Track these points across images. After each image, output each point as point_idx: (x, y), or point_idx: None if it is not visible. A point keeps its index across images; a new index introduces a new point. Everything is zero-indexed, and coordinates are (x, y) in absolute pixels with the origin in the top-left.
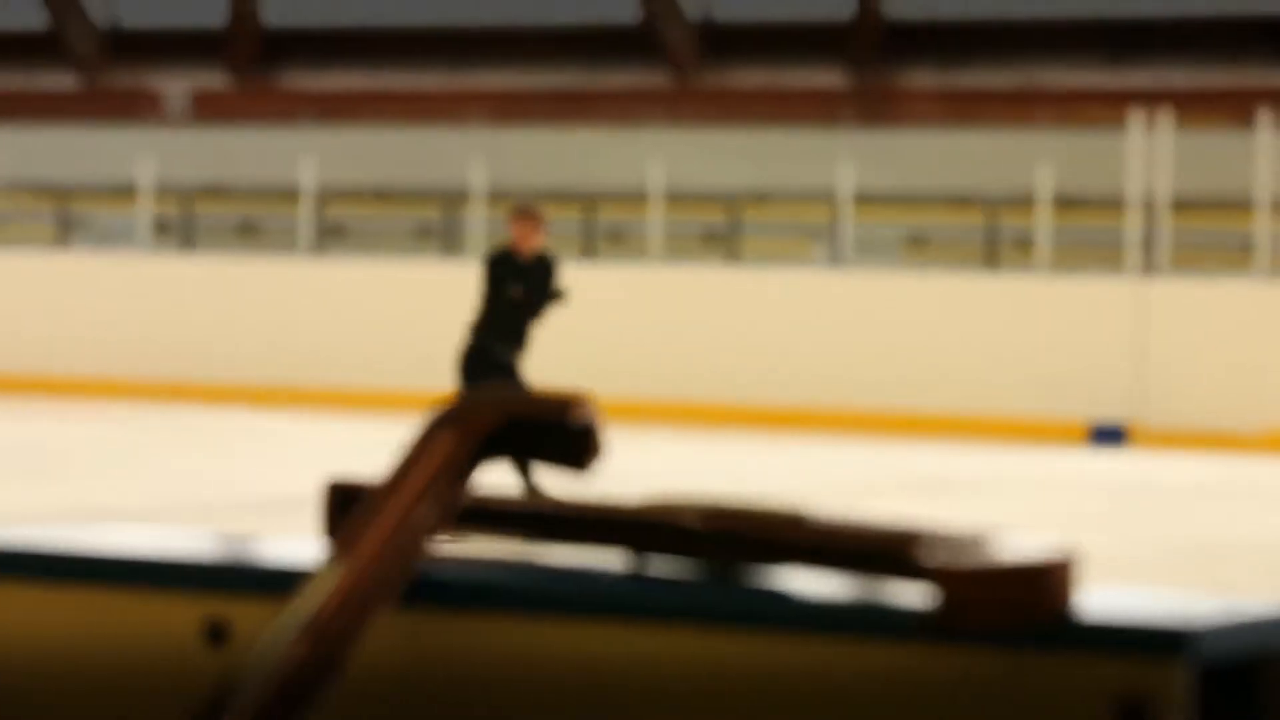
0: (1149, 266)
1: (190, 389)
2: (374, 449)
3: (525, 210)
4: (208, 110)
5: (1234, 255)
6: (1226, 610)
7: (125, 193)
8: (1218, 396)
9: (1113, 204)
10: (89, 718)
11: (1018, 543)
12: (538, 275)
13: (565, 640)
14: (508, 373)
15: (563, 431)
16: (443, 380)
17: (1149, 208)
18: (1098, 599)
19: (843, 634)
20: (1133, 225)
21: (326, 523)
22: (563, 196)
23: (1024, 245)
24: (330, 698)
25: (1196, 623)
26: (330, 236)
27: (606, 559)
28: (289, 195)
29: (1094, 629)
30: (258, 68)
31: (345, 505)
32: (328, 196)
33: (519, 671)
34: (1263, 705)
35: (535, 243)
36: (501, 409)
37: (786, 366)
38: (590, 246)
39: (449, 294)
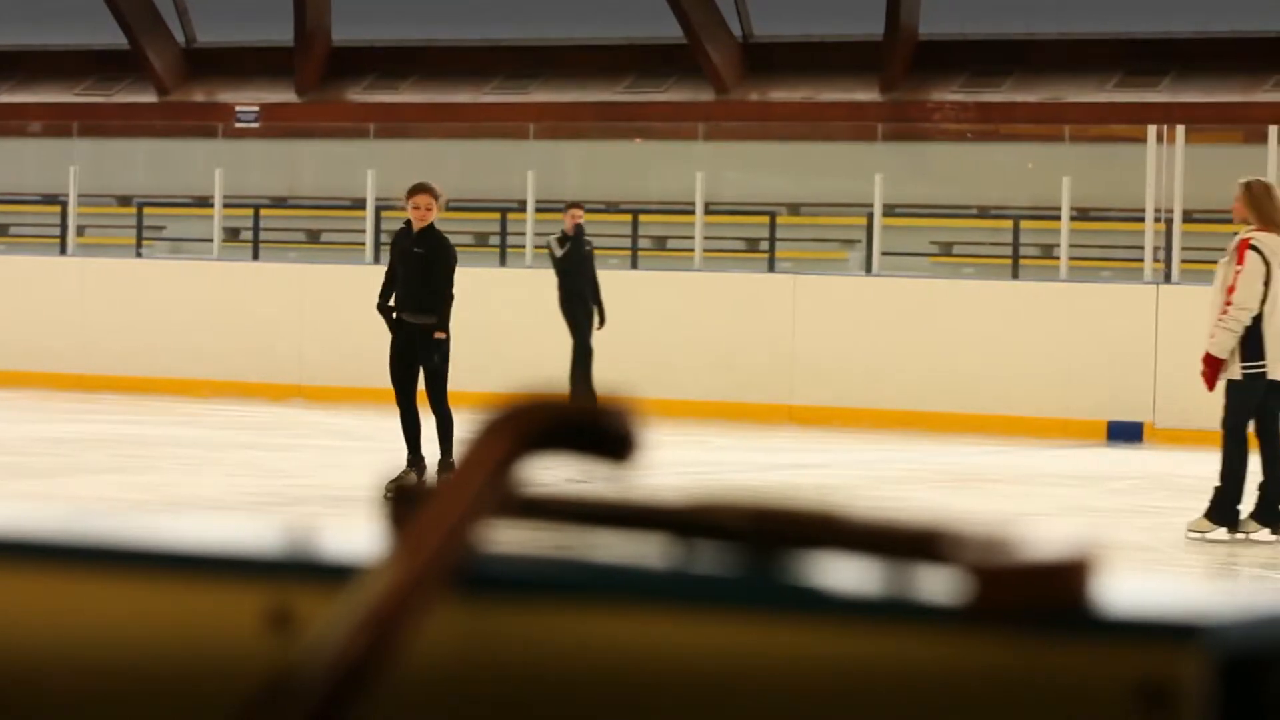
0: (1165, 274)
1: (257, 387)
2: (429, 445)
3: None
4: (276, 124)
5: None
6: (1245, 602)
7: (198, 202)
8: None
9: (1131, 215)
10: (153, 703)
11: (1043, 535)
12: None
13: (613, 629)
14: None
15: (607, 430)
16: (495, 381)
17: (1165, 218)
18: (1119, 589)
19: (877, 622)
20: (1149, 235)
21: (387, 515)
22: (610, 206)
23: (1047, 253)
24: (386, 685)
25: (1216, 613)
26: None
27: (653, 550)
28: (352, 204)
29: (1116, 619)
30: (323, 83)
31: (405, 499)
32: (388, 206)
33: (567, 659)
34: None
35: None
36: (552, 409)
37: (820, 368)
38: (636, 253)
39: (503, 298)
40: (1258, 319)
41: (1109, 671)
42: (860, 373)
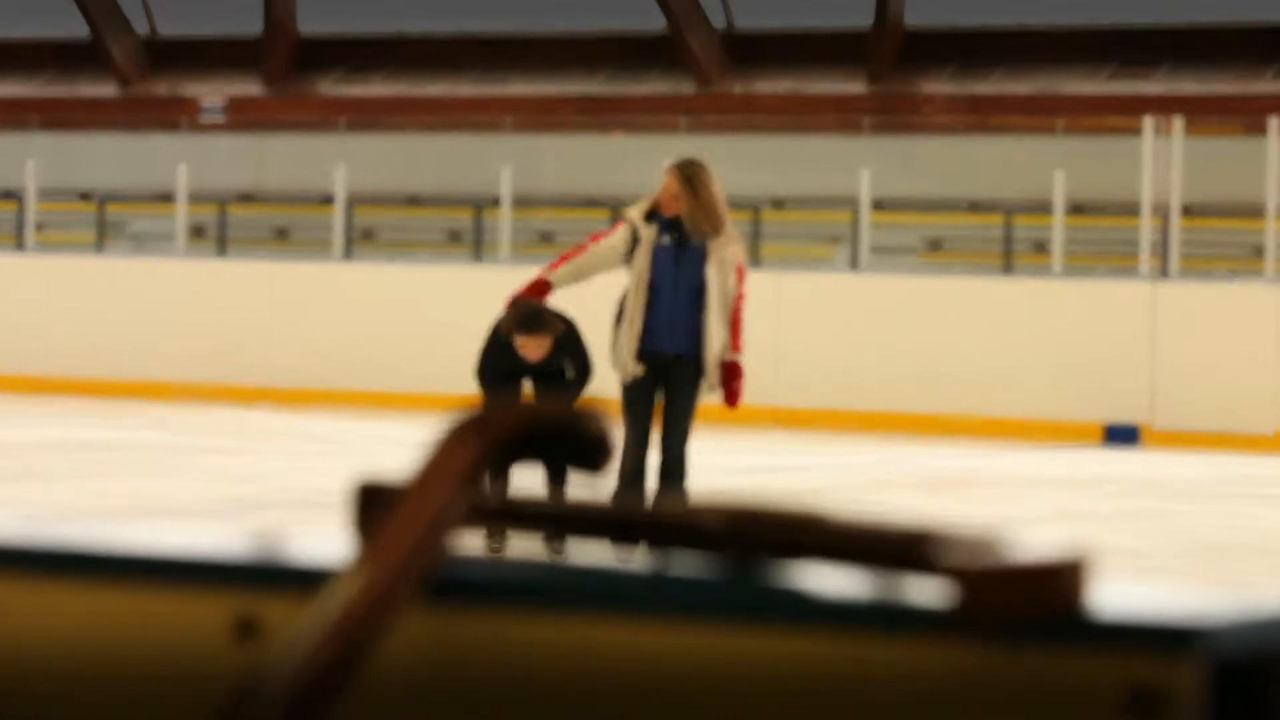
0: (1162, 270)
1: (224, 389)
2: (402, 448)
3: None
4: (243, 117)
5: (1244, 259)
6: (1240, 607)
7: (162, 198)
8: (1229, 397)
9: (1127, 209)
10: (119, 712)
11: (1034, 539)
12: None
13: (586, 637)
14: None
15: (578, 436)
16: (469, 382)
17: (1162, 213)
18: (1112, 595)
19: (861, 630)
20: (1146, 230)
21: (355, 520)
22: (589, 202)
23: (1040, 249)
24: (355, 693)
25: (1210, 619)
26: (361, 241)
27: (629, 557)
28: (322, 200)
29: (1108, 624)
30: (291, 75)
31: (373, 504)
32: (359, 201)
33: (540, 667)
34: (1276, 702)
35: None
36: (521, 414)
37: (806, 368)
38: None
39: (477, 297)
40: None
41: (1102, 678)
42: (847, 373)
